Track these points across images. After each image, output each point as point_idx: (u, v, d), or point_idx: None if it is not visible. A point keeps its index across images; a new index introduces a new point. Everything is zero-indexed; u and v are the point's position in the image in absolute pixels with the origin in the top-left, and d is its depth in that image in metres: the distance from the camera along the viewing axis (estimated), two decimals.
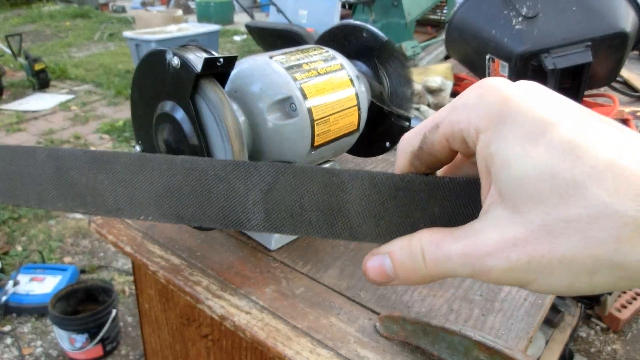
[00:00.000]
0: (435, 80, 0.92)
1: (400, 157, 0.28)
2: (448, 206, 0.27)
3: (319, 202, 0.28)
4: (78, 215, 2.32)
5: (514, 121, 0.21)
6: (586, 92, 1.02)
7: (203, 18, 6.92)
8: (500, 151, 0.22)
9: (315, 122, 0.55)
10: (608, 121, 0.21)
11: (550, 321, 1.32)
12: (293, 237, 0.60)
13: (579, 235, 0.19)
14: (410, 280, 0.25)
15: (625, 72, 1.21)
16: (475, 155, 0.23)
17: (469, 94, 0.24)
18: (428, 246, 0.24)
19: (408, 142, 0.27)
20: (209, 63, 0.45)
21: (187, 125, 0.48)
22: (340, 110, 0.57)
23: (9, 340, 1.63)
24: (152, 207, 0.28)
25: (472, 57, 1.10)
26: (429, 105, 0.95)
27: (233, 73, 0.52)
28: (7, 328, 1.68)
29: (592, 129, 0.20)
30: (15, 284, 1.75)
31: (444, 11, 3.93)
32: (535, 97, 0.22)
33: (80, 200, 0.29)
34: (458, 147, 0.25)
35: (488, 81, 0.23)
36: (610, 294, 1.15)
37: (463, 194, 0.27)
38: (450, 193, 0.27)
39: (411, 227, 0.27)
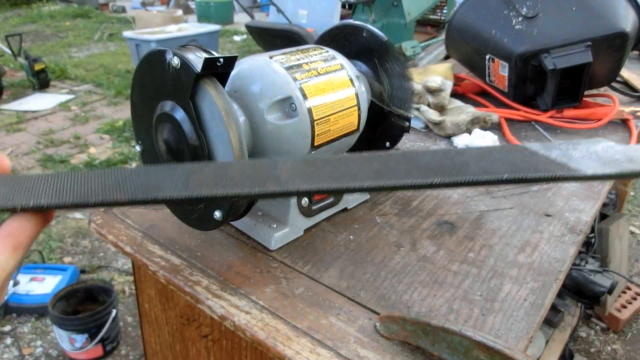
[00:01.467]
0: (435, 80, 0.92)
1: None
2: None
3: (247, 173, 0.30)
4: (78, 215, 2.32)
5: None
6: (586, 92, 1.02)
7: (203, 18, 6.92)
8: None
9: (315, 122, 0.55)
10: None
11: (550, 321, 1.32)
12: (293, 237, 0.60)
13: None
14: None
15: (625, 72, 1.21)
16: None
17: None
18: None
19: None
20: (209, 63, 0.45)
21: (187, 125, 0.48)
22: (340, 110, 0.57)
23: (9, 340, 1.63)
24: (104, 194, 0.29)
25: (472, 57, 1.10)
26: (429, 105, 0.95)
27: (233, 73, 0.52)
28: (7, 328, 1.68)
29: None
30: (15, 284, 1.75)
31: (444, 11, 3.93)
32: None
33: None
34: None
35: None
36: (610, 293, 1.15)
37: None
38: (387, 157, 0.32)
39: (351, 177, 0.30)
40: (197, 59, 0.46)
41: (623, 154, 0.30)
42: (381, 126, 0.67)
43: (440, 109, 0.94)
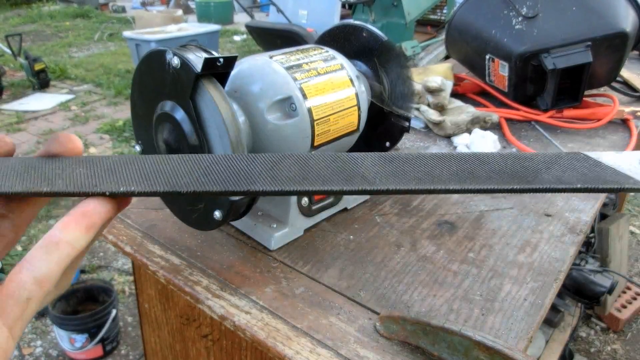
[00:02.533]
0: (435, 80, 0.92)
1: None
2: (461, 165, 0.31)
3: (332, 168, 0.30)
4: None
5: None
6: (586, 92, 1.02)
7: (203, 18, 6.92)
8: None
9: (315, 122, 0.55)
10: None
11: (550, 321, 1.32)
12: (293, 237, 0.60)
13: None
14: None
15: (625, 72, 1.21)
16: None
17: None
18: None
19: None
20: (209, 63, 0.45)
21: (187, 125, 0.48)
22: (340, 110, 0.57)
23: None
24: (139, 181, 0.28)
25: (472, 57, 1.10)
26: (429, 105, 0.95)
27: (233, 73, 0.52)
28: None
29: None
30: None
31: (444, 11, 3.93)
32: None
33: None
34: None
35: None
36: (610, 293, 1.15)
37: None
38: (460, 159, 0.31)
39: (433, 177, 0.30)
40: (197, 58, 0.46)
41: None
42: (381, 126, 0.67)
43: (440, 109, 0.94)
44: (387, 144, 0.68)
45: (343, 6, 3.75)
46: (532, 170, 0.30)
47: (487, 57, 1.02)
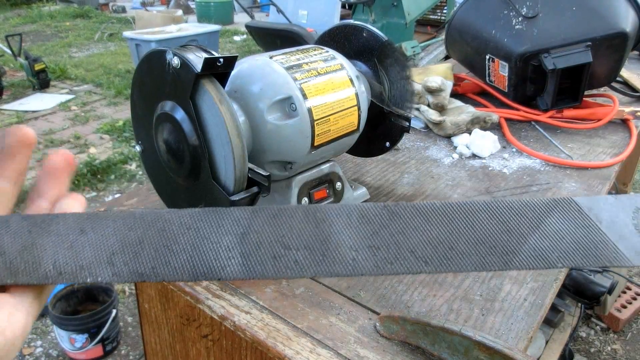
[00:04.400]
0: (435, 80, 0.92)
1: None
2: (443, 229, 0.26)
3: (305, 239, 0.25)
4: None
5: None
6: (586, 92, 1.02)
7: (203, 18, 6.91)
8: None
9: (315, 122, 0.55)
10: None
11: (550, 321, 1.32)
12: None
13: None
14: None
15: (625, 72, 1.21)
16: None
17: None
18: None
19: None
20: (209, 63, 0.45)
21: (187, 125, 0.48)
22: (340, 110, 0.57)
23: None
24: (103, 266, 0.25)
25: (472, 57, 1.10)
26: (429, 105, 0.95)
27: (233, 73, 0.52)
28: None
29: None
30: None
31: (444, 11, 3.93)
32: None
33: (10, 270, 0.24)
34: None
35: None
36: (610, 294, 1.15)
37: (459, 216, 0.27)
38: (444, 216, 0.27)
39: (411, 252, 0.26)
40: (197, 58, 0.46)
41: None
42: (381, 126, 0.67)
43: (440, 109, 0.94)
44: (387, 144, 0.68)
45: (343, 6, 3.75)
46: (516, 236, 0.27)
47: (487, 57, 1.02)
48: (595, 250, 0.26)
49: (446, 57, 1.58)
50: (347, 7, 3.90)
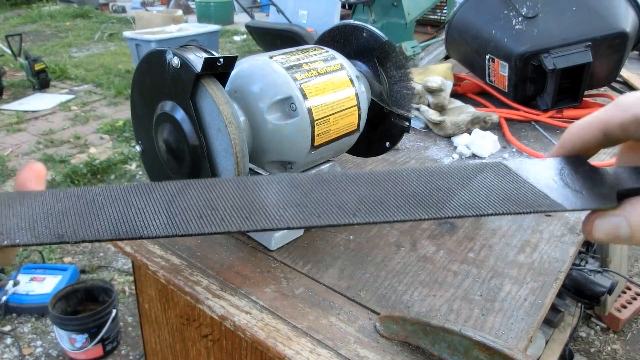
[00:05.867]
0: (435, 80, 0.92)
1: (568, 141, 0.29)
2: (372, 189, 0.28)
3: (234, 202, 0.26)
4: None
5: None
6: (586, 92, 1.02)
7: (203, 18, 6.91)
8: None
9: (315, 122, 0.55)
10: None
11: (550, 321, 1.31)
12: (293, 237, 0.60)
13: None
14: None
15: (625, 72, 1.21)
16: None
17: None
18: None
19: (583, 129, 0.29)
20: (209, 63, 0.45)
21: (187, 125, 0.48)
22: (340, 110, 0.57)
23: (9, 340, 1.63)
24: (23, 231, 0.24)
25: (472, 57, 1.10)
26: (429, 105, 0.95)
27: (233, 73, 0.52)
28: (7, 328, 1.68)
29: None
30: (15, 284, 1.75)
31: (444, 11, 3.93)
32: None
33: None
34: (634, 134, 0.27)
35: None
36: (610, 294, 1.15)
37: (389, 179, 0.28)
38: (373, 180, 0.28)
39: (339, 207, 0.26)
40: (197, 59, 0.46)
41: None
42: (381, 126, 0.67)
43: (440, 109, 0.94)
44: (387, 144, 0.68)
45: (343, 6, 3.75)
46: (445, 191, 0.28)
47: (487, 57, 1.02)
48: (525, 198, 0.27)
49: (446, 57, 1.58)
50: (347, 7, 3.90)
